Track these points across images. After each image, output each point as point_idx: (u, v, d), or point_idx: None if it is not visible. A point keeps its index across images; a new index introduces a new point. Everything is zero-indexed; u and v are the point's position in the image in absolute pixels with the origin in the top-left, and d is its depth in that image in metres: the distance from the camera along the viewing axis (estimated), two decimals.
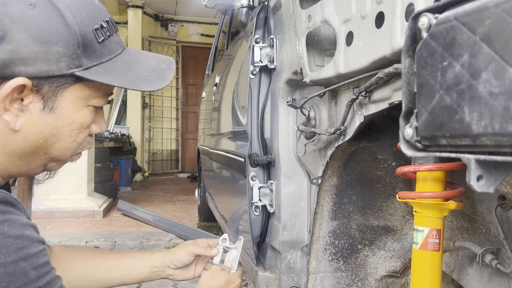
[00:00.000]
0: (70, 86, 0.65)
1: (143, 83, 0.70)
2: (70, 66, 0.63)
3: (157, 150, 7.90)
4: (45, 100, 0.63)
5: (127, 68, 0.69)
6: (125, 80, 0.68)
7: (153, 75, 0.72)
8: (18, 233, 0.56)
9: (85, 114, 0.69)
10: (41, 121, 0.64)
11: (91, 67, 0.65)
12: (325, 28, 1.00)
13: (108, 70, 0.67)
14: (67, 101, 0.65)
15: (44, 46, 0.60)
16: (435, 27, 0.43)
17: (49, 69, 0.61)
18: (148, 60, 0.74)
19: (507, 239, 0.72)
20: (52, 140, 0.67)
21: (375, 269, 1.14)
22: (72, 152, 0.71)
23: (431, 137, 0.45)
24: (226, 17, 3.28)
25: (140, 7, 7.32)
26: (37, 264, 0.57)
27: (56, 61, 0.61)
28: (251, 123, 1.40)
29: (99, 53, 0.66)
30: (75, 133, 0.69)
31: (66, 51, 0.62)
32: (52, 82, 0.62)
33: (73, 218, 3.93)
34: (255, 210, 1.35)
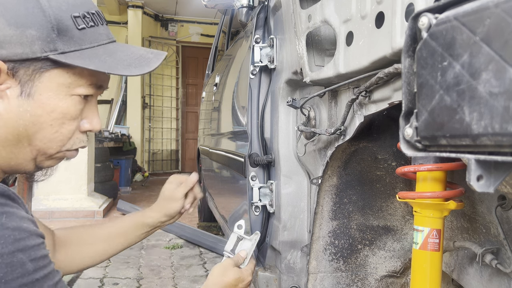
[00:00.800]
0: (47, 70, 0.64)
1: (123, 68, 0.68)
2: (44, 49, 0.62)
3: (157, 150, 7.90)
4: (22, 84, 0.63)
5: (108, 55, 0.68)
6: (102, 64, 0.66)
7: (136, 62, 0.70)
8: (16, 225, 0.56)
9: (68, 103, 0.67)
10: (19, 107, 0.63)
11: (67, 52, 0.64)
12: (325, 28, 1.00)
13: (86, 56, 0.65)
14: (45, 87, 0.64)
15: (19, 29, 0.61)
16: (435, 27, 0.43)
17: (23, 51, 0.61)
18: (136, 50, 0.73)
19: (507, 239, 0.72)
20: (33, 128, 0.65)
21: (375, 269, 1.14)
22: (58, 145, 0.69)
23: (431, 137, 0.45)
24: (226, 17, 3.28)
25: (140, 7, 7.33)
26: (35, 257, 0.57)
27: (30, 44, 0.61)
28: (251, 123, 1.40)
29: (78, 39, 0.65)
30: (57, 123, 0.67)
31: (40, 34, 0.62)
32: (28, 66, 0.62)
33: (73, 218, 3.93)
34: (255, 210, 1.35)
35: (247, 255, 1.06)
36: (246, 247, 1.07)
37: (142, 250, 3.03)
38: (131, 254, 2.91)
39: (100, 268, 2.61)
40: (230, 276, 1.00)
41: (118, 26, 7.50)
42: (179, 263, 2.75)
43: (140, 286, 2.35)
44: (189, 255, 2.95)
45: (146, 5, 7.42)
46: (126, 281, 2.42)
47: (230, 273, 1.01)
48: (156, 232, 3.82)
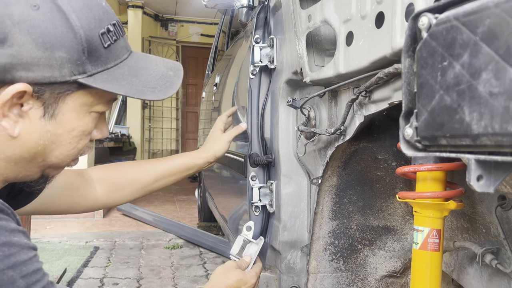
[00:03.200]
0: (72, 92, 0.62)
1: (149, 92, 0.67)
2: (73, 73, 0.60)
3: (157, 150, 7.90)
4: (46, 106, 0.61)
5: (133, 75, 0.66)
6: (130, 88, 0.65)
7: (160, 83, 0.69)
8: (5, 240, 0.54)
9: (87, 121, 0.66)
10: (41, 128, 0.62)
11: (95, 73, 0.62)
12: (325, 28, 1.00)
13: (113, 77, 0.64)
14: (69, 108, 0.63)
15: (47, 51, 0.57)
16: (435, 27, 0.43)
17: (52, 75, 0.58)
18: (156, 66, 0.72)
19: (507, 239, 0.72)
20: (52, 147, 0.64)
21: (375, 269, 1.14)
22: (71, 158, 0.69)
23: (431, 137, 0.45)
24: (226, 17, 3.28)
25: (140, 7, 7.33)
26: (26, 273, 0.55)
27: (59, 67, 0.58)
28: (251, 123, 1.40)
29: (105, 58, 0.63)
30: (75, 140, 0.66)
31: (70, 57, 0.59)
32: (54, 89, 0.60)
33: (73, 218, 3.93)
34: (255, 210, 1.35)
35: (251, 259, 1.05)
36: (251, 251, 1.06)
37: (142, 250, 3.03)
38: (131, 254, 2.91)
39: (100, 268, 2.61)
40: (232, 278, 0.99)
41: None
42: (179, 263, 2.75)
43: (140, 286, 2.35)
44: (189, 255, 2.95)
45: (146, 5, 7.41)
46: (126, 281, 2.42)
47: (232, 275, 1.00)
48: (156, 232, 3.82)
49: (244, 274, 1.02)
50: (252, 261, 1.04)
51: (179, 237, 3.34)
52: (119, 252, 2.97)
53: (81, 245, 3.11)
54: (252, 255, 1.05)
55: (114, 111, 6.94)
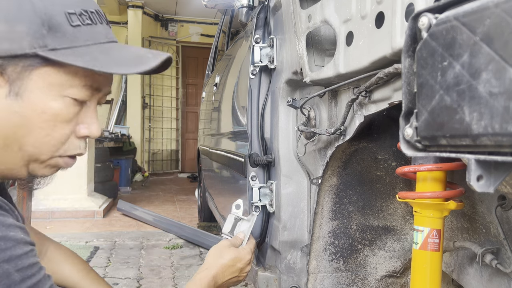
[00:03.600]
0: (37, 68, 0.60)
1: (115, 66, 0.63)
2: (33, 46, 0.58)
3: (157, 150, 7.90)
4: (10, 83, 0.59)
5: (103, 53, 0.63)
6: (94, 62, 0.61)
7: (132, 61, 0.65)
8: (2, 235, 0.55)
9: (60, 104, 0.62)
10: (7, 107, 0.60)
11: (58, 49, 0.60)
12: (325, 28, 1.00)
13: (78, 54, 0.61)
14: (35, 86, 0.60)
15: (7, 24, 0.57)
16: (435, 27, 0.43)
17: (11, 47, 0.57)
18: (135, 50, 0.69)
19: (507, 239, 0.72)
20: (22, 131, 0.61)
21: (375, 269, 1.14)
22: (50, 149, 0.65)
23: (431, 137, 0.45)
24: (226, 17, 3.28)
25: (140, 7, 7.33)
26: (22, 266, 0.55)
27: (18, 40, 0.58)
28: (251, 123, 1.40)
29: (72, 36, 0.61)
30: (48, 126, 0.63)
31: (29, 30, 0.58)
32: (16, 63, 0.58)
33: (73, 218, 3.93)
34: (255, 210, 1.35)
35: (245, 236, 1.06)
36: (244, 228, 1.06)
37: (142, 250, 3.03)
38: (131, 254, 2.91)
39: (100, 268, 2.61)
40: (227, 257, 0.99)
41: (118, 26, 7.50)
42: (179, 263, 2.75)
43: (140, 286, 2.35)
44: (189, 255, 2.95)
45: (146, 5, 7.41)
46: (126, 281, 2.42)
47: (226, 254, 1.00)
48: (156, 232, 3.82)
49: (239, 252, 1.02)
50: (246, 238, 1.05)
51: (179, 237, 3.34)
52: (119, 252, 2.97)
53: (81, 245, 3.11)
54: (245, 231, 1.05)
55: (114, 111, 6.94)
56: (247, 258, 1.02)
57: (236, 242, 1.05)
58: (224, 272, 0.99)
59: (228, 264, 0.99)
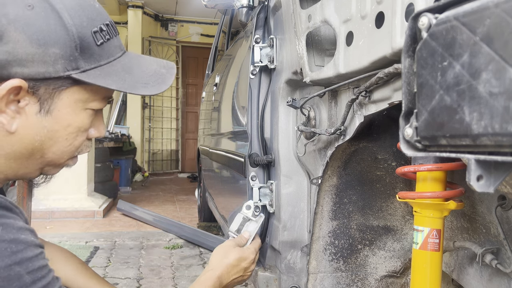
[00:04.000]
0: (67, 88, 0.64)
1: (142, 87, 0.68)
2: (67, 68, 0.62)
3: (157, 150, 7.90)
4: (42, 102, 0.62)
5: (126, 72, 0.68)
6: (123, 83, 0.67)
7: (153, 79, 0.71)
8: (13, 237, 0.56)
9: (83, 117, 0.68)
10: (37, 124, 0.63)
11: (88, 69, 0.64)
12: (325, 28, 1.00)
13: (106, 74, 0.66)
14: (64, 104, 0.64)
15: (41, 47, 0.59)
16: (435, 27, 0.43)
17: (46, 71, 0.60)
18: (148, 64, 0.74)
19: (507, 239, 0.72)
20: (49, 143, 0.66)
21: (375, 269, 1.14)
22: (69, 155, 0.70)
23: (431, 137, 0.45)
24: (226, 17, 3.28)
25: (140, 7, 7.33)
26: (32, 268, 0.57)
27: (53, 63, 0.60)
28: (251, 123, 1.40)
29: (98, 56, 0.65)
30: (72, 137, 0.68)
31: (64, 53, 0.61)
32: (48, 84, 0.62)
33: (73, 218, 3.93)
34: (255, 210, 1.35)
35: (250, 236, 1.06)
36: (251, 228, 1.07)
37: (142, 250, 3.03)
38: (131, 254, 2.91)
39: (100, 268, 2.61)
40: (231, 257, 1.00)
41: (118, 26, 7.45)
42: (179, 263, 2.75)
43: (140, 286, 2.35)
44: (189, 255, 2.95)
45: (146, 5, 7.41)
46: (126, 281, 2.42)
47: (231, 254, 1.01)
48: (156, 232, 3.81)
49: (243, 251, 1.03)
50: (251, 238, 1.05)
51: (179, 237, 3.34)
52: (119, 252, 2.97)
53: (81, 245, 3.11)
54: (251, 232, 1.06)
55: (114, 111, 6.94)
56: (251, 258, 1.04)
57: (241, 241, 1.06)
58: (229, 272, 1.00)
59: (233, 263, 1.00)
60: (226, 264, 0.99)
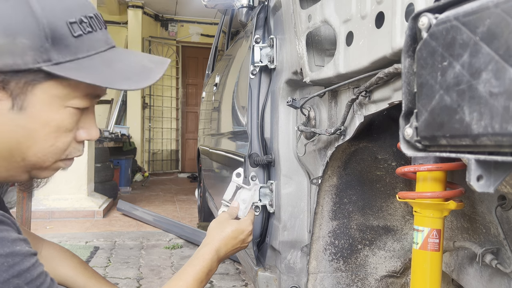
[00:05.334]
0: (40, 82, 0.59)
1: (122, 81, 0.63)
2: (37, 60, 0.57)
3: (157, 150, 7.90)
4: (14, 97, 0.58)
5: (107, 66, 0.63)
6: (100, 77, 0.61)
7: (137, 74, 0.65)
8: (9, 251, 0.55)
9: (63, 116, 0.63)
10: (11, 121, 0.59)
11: (62, 62, 0.59)
12: (325, 28, 1.00)
13: (83, 67, 0.61)
14: (39, 100, 0.60)
15: (8, 37, 0.55)
16: (435, 27, 0.43)
17: (14, 62, 0.56)
18: (138, 60, 0.69)
19: (507, 239, 0.72)
20: (26, 143, 0.62)
21: (375, 269, 1.14)
22: (53, 158, 0.65)
23: (431, 137, 0.45)
24: (226, 17, 3.28)
25: (140, 7, 7.32)
26: (31, 279, 0.57)
27: (21, 53, 0.56)
28: (251, 123, 1.40)
29: (74, 48, 0.60)
30: (52, 137, 0.63)
31: (32, 43, 0.57)
32: (19, 78, 0.57)
33: (73, 218, 3.93)
34: (255, 210, 1.35)
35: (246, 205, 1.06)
36: (245, 196, 1.06)
37: (142, 250, 3.03)
38: (131, 254, 2.91)
39: (100, 268, 2.61)
40: (228, 230, 1.00)
41: (118, 26, 7.50)
42: (179, 263, 2.75)
43: (140, 286, 2.35)
44: (189, 255, 2.95)
45: (146, 5, 7.41)
46: (126, 281, 2.42)
47: (227, 227, 1.01)
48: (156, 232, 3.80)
49: (239, 223, 1.03)
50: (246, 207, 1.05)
51: (179, 237, 3.34)
52: (119, 252, 2.97)
53: (81, 245, 3.11)
54: (245, 201, 1.05)
55: (114, 111, 6.94)
56: (248, 229, 1.03)
57: (233, 212, 1.06)
58: (226, 245, 1.00)
59: (231, 236, 1.00)
60: (223, 237, 0.99)
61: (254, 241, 1.38)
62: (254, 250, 1.38)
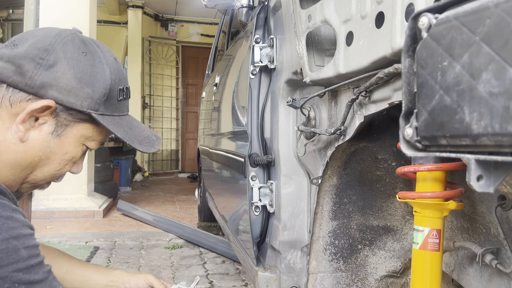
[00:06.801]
0: (82, 122, 0.75)
1: (137, 143, 0.81)
2: (91, 107, 0.74)
3: (157, 150, 7.89)
4: (58, 125, 0.73)
5: (129, 128, 0.82)
6: (125, 134, 0.79)
7: (146, 141, 0.84)
8: (9, 215, 0.61)
9: (78, 150, 0.78)
10: (46, 142, 0.73)
11: (105, 114, 0.76)
12: (325, 28, 1.00)
13: (116, 123, 0.78)
14: (72, 133, 0.75)
15: (81, 84, 0.72)
16: (435, 27, 0.43)
17: (75, 102, 0.72)
18: (144, 128, 0.88)
19: (507, 239, 0.72)
20: (45, 161, 0.74)
21: (375, 269, 1.14)
22: (51, 179, 0.79)
23: (431, 137, 0.45)
24: (226, 17, 3.28)
25: (140, 7, 7.32)
26: (28, 245, 0.62)
27: (83, 99, 0.72)
28: (251, 123, 1.40)
29: (114, 108, 0.78)
30: (64, 163, 0.77)
31: (94, 95, 0.73)
32: (71, 114, 0.73)
33: (73, 218, 3.92)
34: (255, 210, 1.35)
35: None
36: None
37: (142, 250, 3.03)
38: (131, 254, 2.91)
39: None
40: None
41: (118, 26, 7.49)
42: (179, 263, 2.75)
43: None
44: (189, 255, 2.95)
45: (146, 5, 7.41)
46: None
47: None
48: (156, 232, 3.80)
49: None
50: None
51: (179, 237, 3.34)
52: (119, 252, 2.97)
53: (81, 245, 3.11)
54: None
55: None
56: None
57: None
58: None
59: None
60: None
61: (254, 241, 1.38)
62: (254, 250, 1.38)
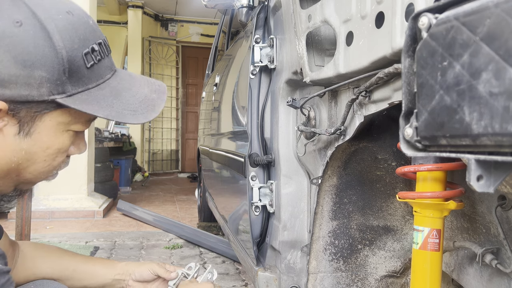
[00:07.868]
0: (50, 112, 0.60)
1: (130, 115, 0.64)
2: (52, 92, 0.58)
3: (157, 150, 7.90)
4: (22, 124, 0.59)
5: (114, 97, 0.64)
6: (110, 110, 0.63)
7: (142, 106, 0.67)
8: None
9: (63, 139, 0.65)
10: (15, 146, 0.60)
11: (75, 93, 0.60)
12: (325, 28, 1.00)
13: (94, 98, 0.62)
14: (45, 126, 0.61)
15: (26, 69, 0.55)
16: (435, 27, 0.43)
17: (29, 94, 0.56)
18: (139, 87, 0.70)
19: (507, 239, 0.72)
20: (25, 164, 0.63)
21: (375, 269, 1.14)
22: (46, 175, 0.68)
23: (431, 137, 0.45)
24: (226, 17, 3.28)
25: (140, 7, 7.32)
26: None
27: (37, 86, 0.56)
28: (251, 123, 1.40)
29: (86, 79, 0.61)
30: (51, 158, 0.65)
31: (50, 76, 0.57)
32: (31, 107, 0.58)
33: (73, 218, 3.93)
34: (255, 210, 1.35)
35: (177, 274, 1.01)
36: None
37: (142, 250, 3.03)
38: (131, 254, 2.91)
39: None
40: None
41: (118, 26, 7.50)
42: (179, 263, 2.75)
43: None
44: (189, 255, 2.95)
45: (146, 5, 7.41)
46: None
47: None
48: (156, 232, 3.80)
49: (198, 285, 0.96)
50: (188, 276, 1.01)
51: (179, 237, 3.34)
52: (119, 252, 2.97)
53: (81, 245, 3.11)
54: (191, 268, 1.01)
55: None
56: None
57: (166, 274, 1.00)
58: None
59: None
60: None
61: (254, 241, 1.38)
62: (254, 250, 1.38)
